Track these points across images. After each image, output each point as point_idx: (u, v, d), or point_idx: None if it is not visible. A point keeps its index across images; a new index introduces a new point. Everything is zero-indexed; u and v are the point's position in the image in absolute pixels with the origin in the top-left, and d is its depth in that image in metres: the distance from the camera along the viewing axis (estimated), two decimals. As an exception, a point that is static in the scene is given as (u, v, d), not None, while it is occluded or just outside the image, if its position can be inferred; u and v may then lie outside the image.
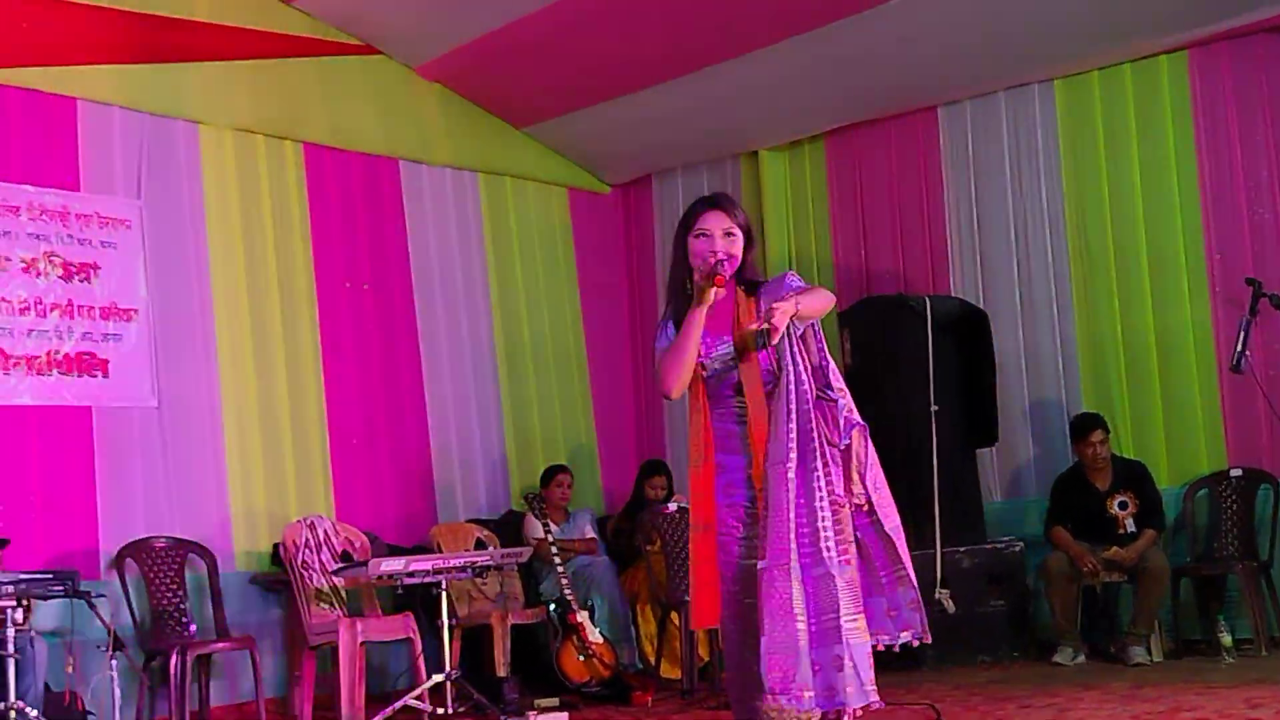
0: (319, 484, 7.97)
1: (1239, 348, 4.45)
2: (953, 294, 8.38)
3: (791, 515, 3.60)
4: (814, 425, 3.69)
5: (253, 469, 7.68)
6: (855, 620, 3.66)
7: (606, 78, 8.65)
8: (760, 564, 3.60)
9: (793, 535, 3.59)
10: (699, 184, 9.76)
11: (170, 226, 7.52)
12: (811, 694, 3.59)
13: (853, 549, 3.71)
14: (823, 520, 3.63)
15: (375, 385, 8.39)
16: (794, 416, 3.66)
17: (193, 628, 6.87)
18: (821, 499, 3.66)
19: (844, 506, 3.71)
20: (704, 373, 3.73)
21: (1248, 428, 7.54)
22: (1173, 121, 7.85)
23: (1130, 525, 7.33)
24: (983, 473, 8.11)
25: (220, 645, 6.91)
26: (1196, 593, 7.45)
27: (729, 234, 3.77)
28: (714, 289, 3.65)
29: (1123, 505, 7.37)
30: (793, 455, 3.63)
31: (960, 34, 7.80)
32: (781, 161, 9.40)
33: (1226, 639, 6.82)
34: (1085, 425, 7.53)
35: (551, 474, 8.31)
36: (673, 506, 7.97)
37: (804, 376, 3.72)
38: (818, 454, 3.68)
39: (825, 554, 3.62)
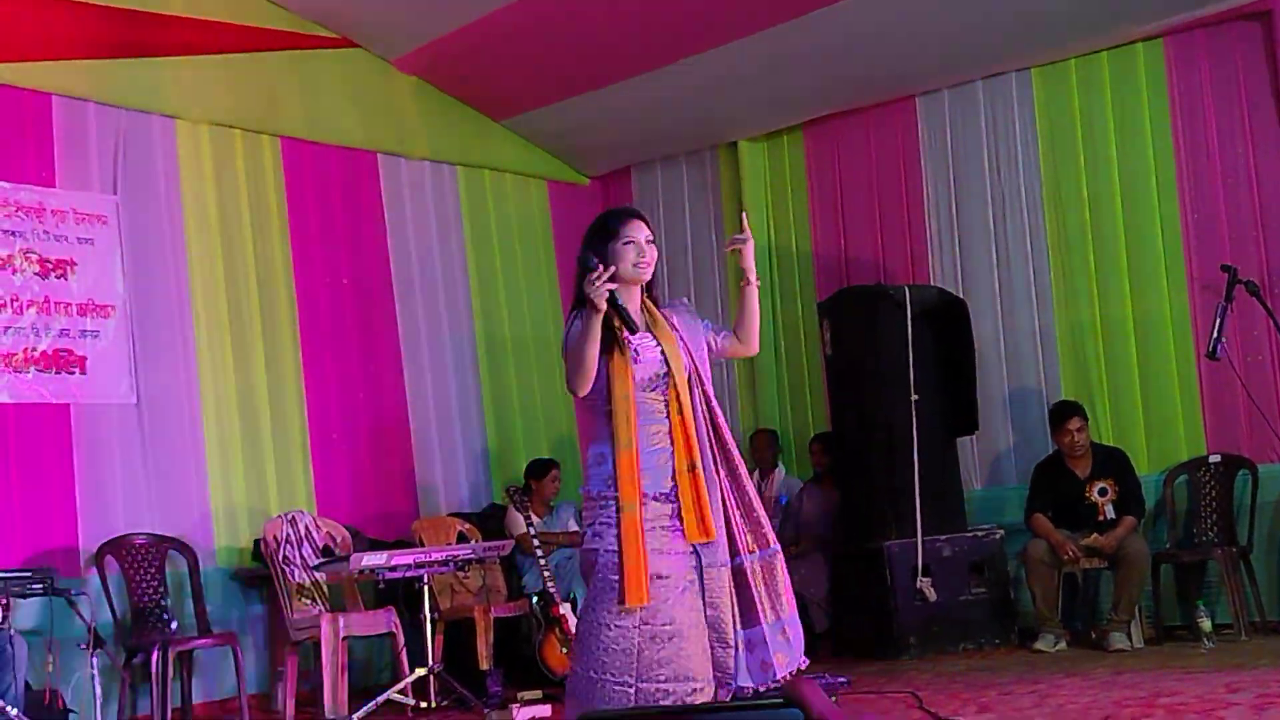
0: (299, 479, 7.96)
1: (1215, 334, 4.47)
2: (932, 283, 8.39)
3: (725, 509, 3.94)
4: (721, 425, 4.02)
5: (233, 465, 7.66)
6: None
7: (585, 69, 8.64)
8: (744, 559, 3.92)
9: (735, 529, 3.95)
10: (678, 175, 9.77)
11: (147, 222, 7.49)
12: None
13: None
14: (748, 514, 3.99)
15: (355, 379, 8.37)
16: (712, 414, 3.99)
17: (174, 624, 6.85)
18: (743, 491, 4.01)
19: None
20: (634, 367, 3.91)
21: (1226, 414, 7.57)
22: (1150, 109, 7.87)
23: (1110, 512, 7.36)
24: (963, 461, 8.13)
25: (202, 642, 6.89)
26: (1176, 579, 7.49)
27: (650, 242, 4.04)
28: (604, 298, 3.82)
29: (1102, 492, 7.40)
30: (717, 452, 3.97)
31: (938, 23, 7.80)
32: (760, 152, 9.41)
33: (1206, 624, 6.85)
34: (1064, 413, 7.55)
35: (545, 468, 8.27)
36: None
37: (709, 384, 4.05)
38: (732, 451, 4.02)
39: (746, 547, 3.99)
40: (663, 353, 3.96)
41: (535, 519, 7.72)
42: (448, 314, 8.95)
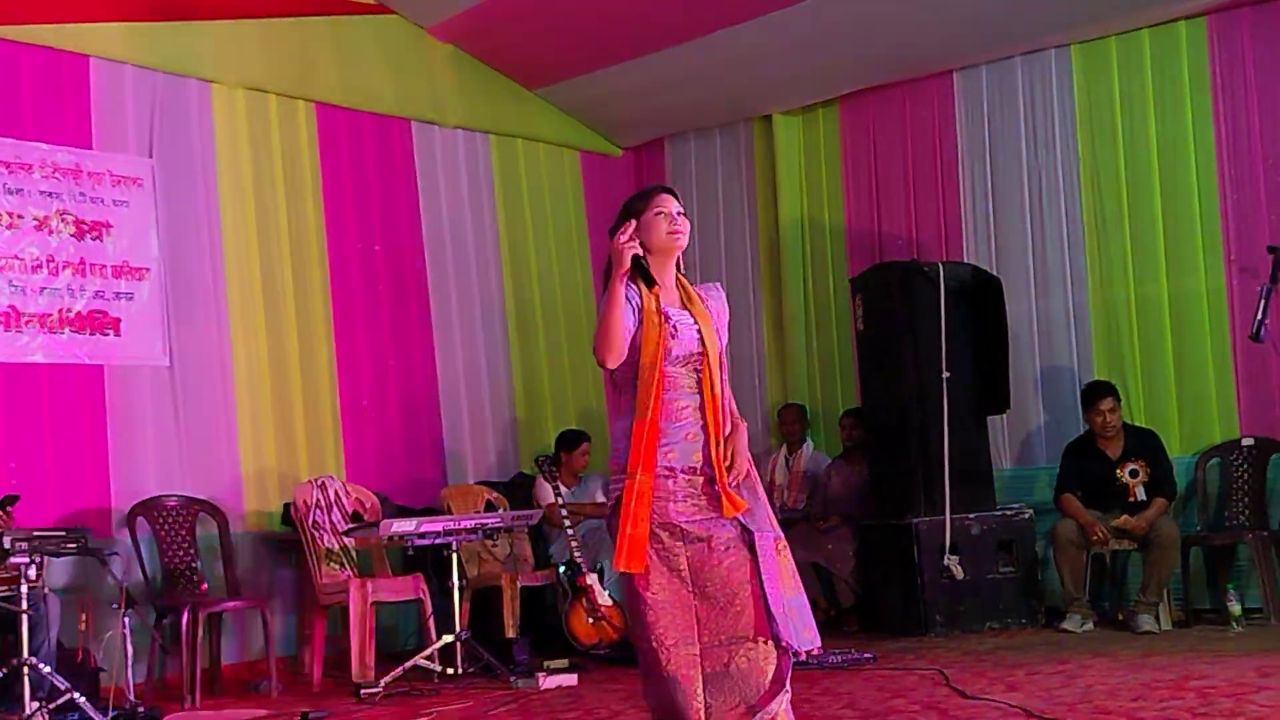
0: (329, 444, 7.99)
1: (1259, 316, 4.40)
2: (966, 260, 8.34)
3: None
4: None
5: (263, 429, 7.69)
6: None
7: (620, 40, 8.60)
8: (773, 533, 3.88)
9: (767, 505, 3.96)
10: (712, 147, 9.73)
11: (182, 185, 7.52)
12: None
13: None
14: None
15: (386, 346, 8.39)
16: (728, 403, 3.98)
17: (204, 586, 6.90)
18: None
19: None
20: (670, 342, 3.85)
21: (1260, 396, 7.52)
22: (1190, 89, 7.79)
23: (1141, 493, 7.33)
24: (993, 439, 8.10)
25: (232, 604, 6.93)
26: (1206, 562, 7.45)
27: (681, 214, 3.97)
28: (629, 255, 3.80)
29: (1133, 473, 7.37)
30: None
31: (977, -2, 7.75)
32: (795, 126, 9.36)
33: (1236, 608, 6.84)
34: (1096, 393, 7.52)
35: (576, 440, 8.26)
36: (683, 470, 7.96)
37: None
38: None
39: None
40: (699, 331, 3.91)
41: (564, 490, 7.74)
42: (478, 283, 8.95)
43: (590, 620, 7.27)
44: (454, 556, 6.73)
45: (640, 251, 3.82)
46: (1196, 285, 7.72)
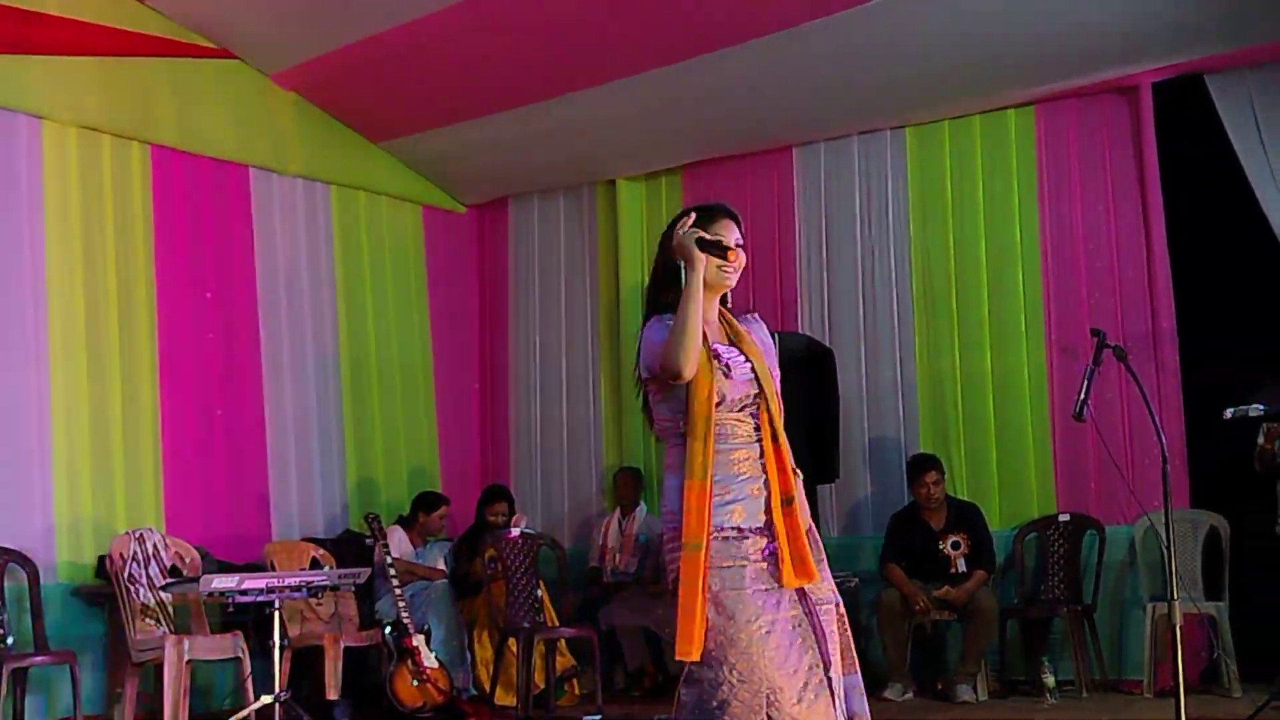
0: (149, 496, 7.73)
1: (1082, 396, 4.57)
2: (800, 330, 8.49)
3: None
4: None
5: (80, 477, 7.41)
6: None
7: (466, 97, 8.60)
8: (835, 600, 3.55)
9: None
10: (555, 209, 9.76)
11: (6, 222, 7.25)
12: None
13: None
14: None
15: (213, 397, 8.18)
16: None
17: (9, 639, 6.58)
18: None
19: None
20: (724, 383, 3.47)
21: (1077, 474, 7.77)
22: (1018, 173, 8.09)
23: (962, 565, 7.50)
24: (821, 508, 8.20)
25: (39, 659, 6.63)
26: (1023, 634, 7.64)
27: (740, 245, 3.59)
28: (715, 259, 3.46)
29: (955, 545, 7.55)
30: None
31: (817, 77, 7.93)
32: (638, 191, 9.44)
33: (1049, 680, 7.02)
34: (921, 465, 7.69)
35: (436, 503, 8.25)
36: (515, 531, 7.94)
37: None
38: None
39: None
40: (753, 370, 3.51)
41: (409, 550, 7.69)
42: (313, 335, 8.80)
43: (415, 683, 7.15)
44: (276, 614, 6.55)
45: (705, 235, 3.45)
46: (1019, 363, 7.97)
